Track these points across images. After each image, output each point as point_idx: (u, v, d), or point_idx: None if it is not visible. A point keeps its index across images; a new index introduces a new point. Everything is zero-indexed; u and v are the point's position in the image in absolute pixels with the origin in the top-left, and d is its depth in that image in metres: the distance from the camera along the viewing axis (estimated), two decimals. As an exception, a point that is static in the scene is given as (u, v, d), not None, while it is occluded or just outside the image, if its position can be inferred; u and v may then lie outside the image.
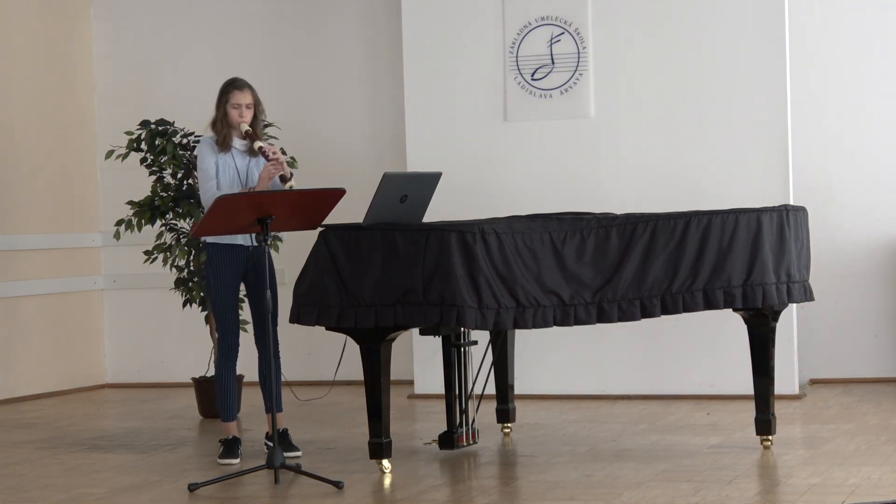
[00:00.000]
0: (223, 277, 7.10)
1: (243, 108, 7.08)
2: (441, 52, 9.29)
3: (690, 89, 8.86)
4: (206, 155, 7.12)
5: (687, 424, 7.84)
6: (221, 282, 7.11)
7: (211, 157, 7.11)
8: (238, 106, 7.08)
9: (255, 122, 7.13)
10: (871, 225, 9.20)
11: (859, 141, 9.24)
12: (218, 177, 7.09)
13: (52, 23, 10.31)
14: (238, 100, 7.08)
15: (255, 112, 7.13)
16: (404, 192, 6.64)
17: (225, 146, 7.11)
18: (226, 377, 7.20)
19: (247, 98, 7.09)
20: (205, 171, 7.11)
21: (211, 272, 7.14)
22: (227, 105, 7.09)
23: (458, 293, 6.23)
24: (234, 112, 7.08)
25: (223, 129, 7.11)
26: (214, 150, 7.12)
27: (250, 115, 7.11)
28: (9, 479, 6.91)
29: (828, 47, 9.27)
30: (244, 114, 7.08)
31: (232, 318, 7.17)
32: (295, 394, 7.50)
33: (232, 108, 7.08)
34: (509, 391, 7.66)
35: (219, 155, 7.11)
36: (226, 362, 7.19)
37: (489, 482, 6.53)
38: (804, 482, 6.13)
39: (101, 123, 10.54)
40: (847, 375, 9.28)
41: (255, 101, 7.13)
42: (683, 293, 6.60)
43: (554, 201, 8.72)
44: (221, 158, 7.11)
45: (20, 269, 9.95)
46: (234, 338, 7.19)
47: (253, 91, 7.14)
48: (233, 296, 7.13)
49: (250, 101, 7.10)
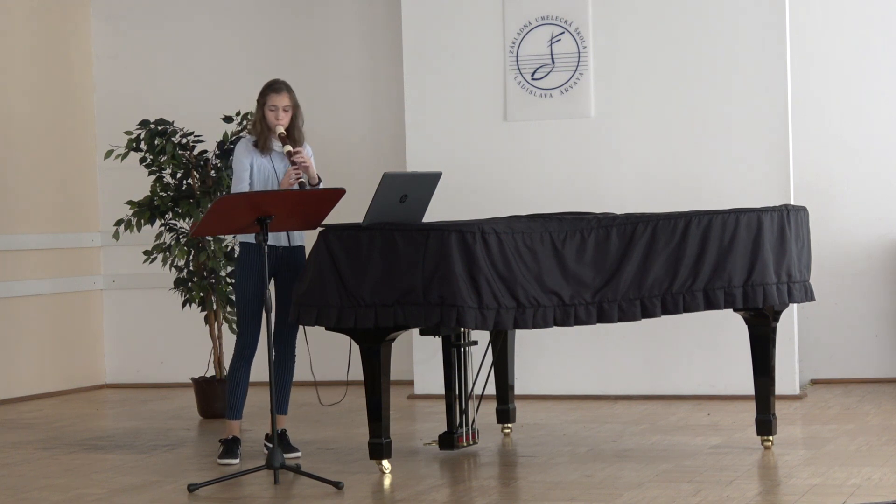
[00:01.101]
0: (251, 276, 7.07)
1: (280, 110, 7.06)
2: (441, 51, 9.28)
3: (691, 89, 8.85)
4: (240, 156, 7.11)
5: (687, 425, 7.83)
6: (249, 280, 7.08)
7: (245, 158, 7.09)
8: (275, 108, 7.07)
9: (292, 126, 7.12)
10: (872, 225, 9.19)
11: (860, 140, 9.23)
12: (252, 178, 7.08)
13: (52, 22, 10.30)
14: (275, 102, 7.07)
15: (293, 115, 7.12)
16: (404, 192, 6.63)
17: (264, 148, 7.11)
18: (238, 376, 7.17)
19: (283, 101, 7.08)
20: (236, 172, 7.11)
21: (240, 270, 7.13)
22: (265, 107, 7.09)
23: (458, 293, 6.22)
24: (270, 114, 7.08)
25: (262, 130, 7.11)
26: (251, 151, 7.11)
27: (288, 117, 7.09)
28: (8, 479, 6.89)
29: (828, 47, 9.26)
30: (281, 116, 7.07)
31: (252, 318, 7.13)
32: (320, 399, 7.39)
33: (269, 110, 7.08)
34: (509, 391, 7.65)
35: (256, 156, 7.11)
36: (239, 360, 7.16)
37: (489, 483, 6.52)
38: (805, 483, 6.12)
39: (101, 123, 10.53)
40: (848, 376, 9.27)
41: (293, 104, 7.11)
42: (684, 293, 6.59)
43: (554, 201, 8.71)
44: (258, 160, 7.10)
45: (19, 269, 9.94)
46: (251, 338, 7.16)
47: (291, 94, 7.11)
48: (257, 295, 7.09)
49: (287, 103, 7.08)
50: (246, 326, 7.13)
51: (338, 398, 7.72)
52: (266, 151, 7.12)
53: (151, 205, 8.71)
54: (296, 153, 6.99)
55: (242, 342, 7.15)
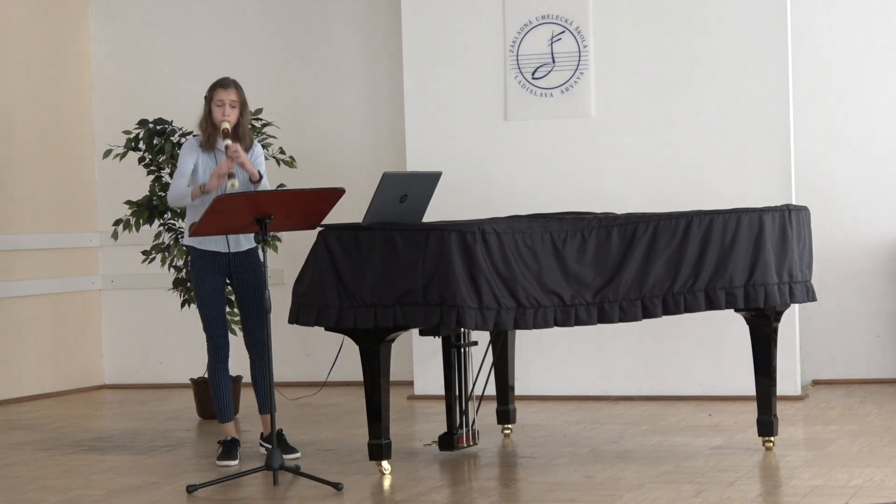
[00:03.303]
0: (205, 279, 7.08)
1: (227, 105, 6.98)
2: (441, 50, 9.26)
3: (692, 88, 8.83)
4: (184, 154, 7.08)
5: (688, 426, 7.82)
6: (203, 283, 7.09)
7: (189, 157, 7.05)
8: (221, 103, 6.98)
9: (238, 124, 7.05)
10: (874, 225, 9.17)
11: (862, 140, 9.22)
12: (197, 176, 7.03)
13: (50, 21, 10.28)
14: (221, 97, 6.99)
15: (240, 111, 7.04)
16: (404, 192, 6.61)
17: (209, 145, 7.05)
18: (218, 378, 7.17)
19: (230, 95, 6.99)
20: (178, 169, 7.06)
21: (194, 274, 7.13)
22: (212, 102, 7.03)
23: (458, 293, 6.20)
24: (217, 110, 7.00)
25: (207, 127, 7.06)
26: (196, 150, 7.06)
27: (235, 113, 7.01)
28: (6, 480, 6.88)
29: (830, 46, 9.25)
30: (227, 112, 6.98)
31: (217, 320, 7.12)
32: (283, 394, 7.45)
33: (216, 105, 7.00)
34: (510, 392, 7.64)
35: (202, 154, 7.06)
36: (215, 363, 7.16)
37: (489, 484, 6.51)
38: (806, 484, 6.11)
39: (99, 122, 10.51)
40: (849, 376, 9.26)
41: (240, 101, 7.02)
42: (685, 293, 6.57)
43: (555, 201, 8.69)
44: (204, 158, 7.05)
45: (17, 269, 9.91)
46: (221, 339, 7.16)
47: (239, 90, 7.03)
48: (216, 298, 7.08)
49: (234, 98, 6.99)
50: (214, 330, 7.12)
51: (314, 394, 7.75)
52: (211, 149, 7.05)
53: (150, 205, 8.69)
54: (232, 147, 6.89)
55: (214, 344, 7.15)
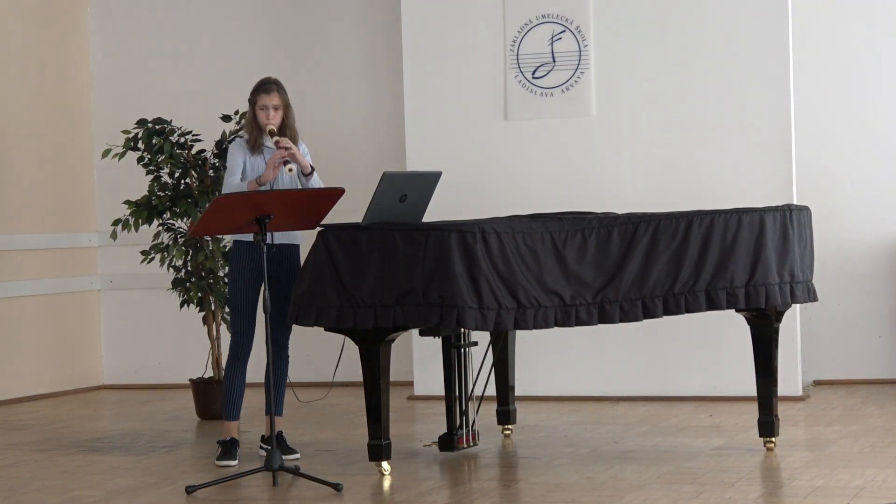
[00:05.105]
0: (244, 275, 7.06)
1: (270, 109, 7.06)
2: (441, 50, 9.25)
3: (693, 88, 8.82)
4: (233, 153, 7.12)
5: (689, 426, 7.81)
6: (241, 279, 7.07)
7: (239, 156, 7.11)
8: (265, 108, 7.07)
9: (283, 125, 7.10)
10: (876, 225, 9.17)
11: (863, 140, 9.21)
12: (245, 175, 7.08)
13: (49, 20, 10.26)
14: (265, 102, 7.07)
15: (284, 114, 7.10)
16: (404, 192, 6.60)
17: (255, 147, 7.11)
18: (233, 375, 7.16)
19: (273, 100, 7.07)
20: (229, 168, 7.13)
21: (232, 269, 7.11)
22: (255, 107, 7.10)
23: (458, 294, 6.19)
24: (261, 114, 7.08)
25: (253, 130, 7.11)
26: (243, 149, 7.13)
27: (279, 116, 7.08)
28: (5, 481, 6.87)
29: (831, 45, 9.24)
30: (271, 115, 7.06)
31: (245, 318, 7.10)
32: (297, 395, 7.45)
33: (259, 109, 7.09)
34: (510, 392, 7.63)
35: (249, 155, 7.10)
36: (234, 361, 7.15)
37: (489, 484, 6.50)
38: (808, 484, 6.10)
39: (98, 122, 10.50)
40: (851, 377, 9.25)
41: (283, 103, 7.10)
42: (686, 293, 6.56)
43: (555, 201, 8.68)
44: (251, 159, 7.11)
45: (16, 269, 9.90)
46: (245, 338, 7.13)
47: (281, 92, 7.10)
48: (250, 295, 7.07)
49: (277, 102, 7.07)
50: (239, 326, 7.11)
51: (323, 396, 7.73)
52: (258, 150, 7.10)
53: (149, 204, 8.68)
54: (283, 141, 6.95)
55: (237, 342, 7.13)
